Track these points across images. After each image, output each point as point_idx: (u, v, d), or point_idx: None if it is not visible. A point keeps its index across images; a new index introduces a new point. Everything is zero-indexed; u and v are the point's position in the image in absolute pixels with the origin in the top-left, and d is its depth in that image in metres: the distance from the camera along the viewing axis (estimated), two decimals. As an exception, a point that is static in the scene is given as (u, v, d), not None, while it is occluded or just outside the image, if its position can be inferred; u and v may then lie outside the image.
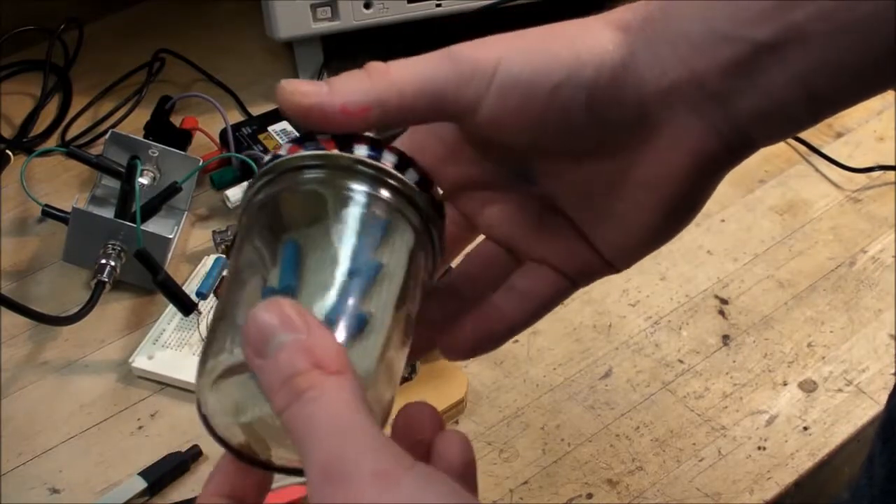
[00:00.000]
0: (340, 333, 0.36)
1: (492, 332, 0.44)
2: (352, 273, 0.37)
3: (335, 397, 0.32)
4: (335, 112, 0.38)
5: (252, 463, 0.38)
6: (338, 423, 0.32)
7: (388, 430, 0.39)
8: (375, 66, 0.38)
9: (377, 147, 0.39)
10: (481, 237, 0.45)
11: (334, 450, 0.32)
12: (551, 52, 0.38)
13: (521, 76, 0.38)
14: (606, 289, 0.83)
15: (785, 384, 0.76)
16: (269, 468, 0.38)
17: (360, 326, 0.37)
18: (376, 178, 0.39)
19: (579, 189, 0.41)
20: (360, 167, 0.39)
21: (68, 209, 0.79)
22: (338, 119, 0.38)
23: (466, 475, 0.38)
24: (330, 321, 0.36)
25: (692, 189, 0.40)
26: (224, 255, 0.81)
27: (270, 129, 0.92)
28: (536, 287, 0.44)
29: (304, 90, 0.38)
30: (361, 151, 0.39)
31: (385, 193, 0.39)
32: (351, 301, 0.37)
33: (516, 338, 0.78)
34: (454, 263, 0.47)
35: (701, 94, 0.38)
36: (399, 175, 0.39)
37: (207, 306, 0.76)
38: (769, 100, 0.37)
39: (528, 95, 0.38)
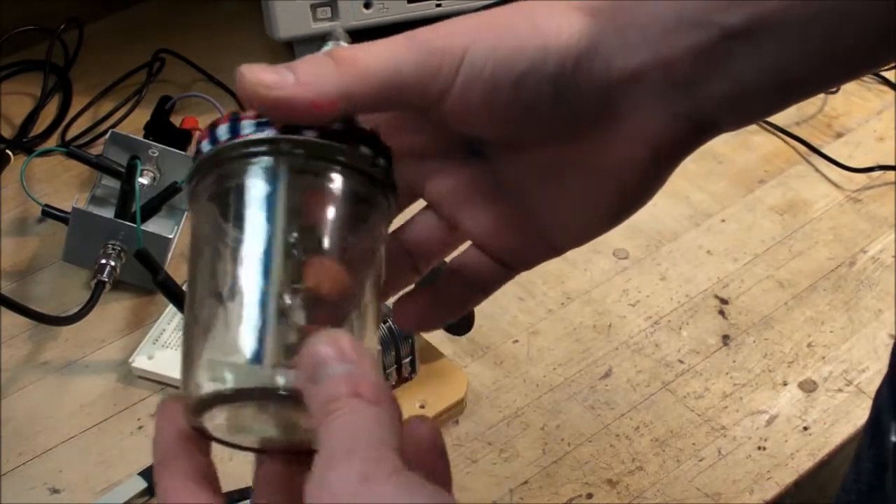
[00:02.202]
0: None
1: (442, 314, 0.44)
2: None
3: (364, 418, 0.33)
4: (305, 106, 0.36)
5: (254, 450, 0.39)
6: (363, 436, 0.33)
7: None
8: (341, 55, 0.37)
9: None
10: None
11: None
12: (517, 41, 0.37)
13: (485, 69, 0.37)
14: (606, 289, 0.83)
15: (785, 384, 0.77)
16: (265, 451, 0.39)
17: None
18: (328, 158, 0.38)
19: (536, 172, 0.41)
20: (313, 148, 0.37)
21: (68, 209, 0.79)
22: (307, 113, 0.37)
23: (437, 456, 0.38)
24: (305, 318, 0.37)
25: (653, 174, 0.40)
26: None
27: (270, 129, 0.92)
28: (471, 279, 0.43)
29: (268, 80, 0.36)
30: (309, 132, 0.37)
31: (340, 174, 0.38)
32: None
33: (516, 338, 0.79)
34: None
35: (668, 80, 0.37)
36: (353, 150, 0.38)
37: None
38: (740, 86, 0.37)
39: (493, 87, 0.38)
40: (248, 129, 0.38)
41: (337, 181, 0.38)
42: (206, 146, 0.38)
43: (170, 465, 0.38)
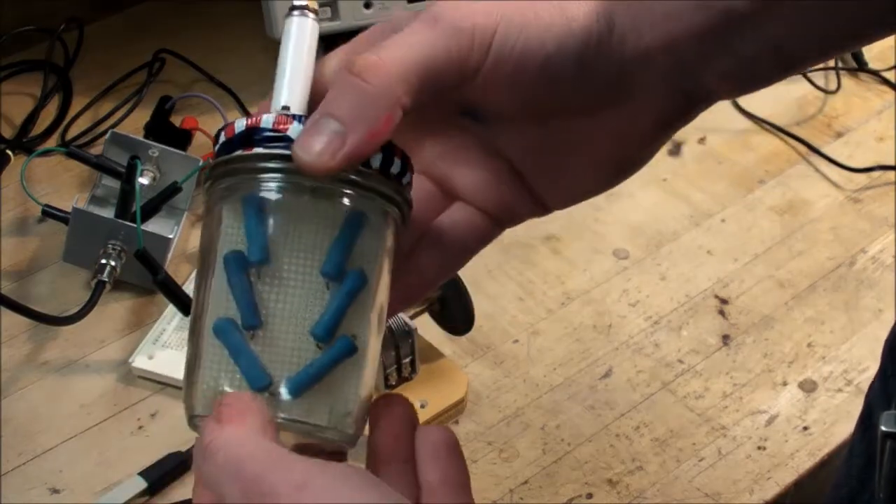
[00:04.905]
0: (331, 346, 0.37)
1: (417, 292, 0.44)
2: (335, 280, 0.38)
3: (234, 437, 0.35)
4: (367, 144, 0.36)
5: None
6: (244, 453, 0.34)
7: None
8: (367, 65, 0.36)
9: None
10: None
11: (249, 475, 0.34)
12: (545, 21, 0.38)
13: (515, 48, 0.37)
14: (606, 289, 0.83)
15: (785, 384, 0.77)
16: None
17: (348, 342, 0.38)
18: (352, 181, 0.38)
19: (537, 141, 0.41)
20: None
21: (68, 209, 0.79)
22: (372, 146, 0.36)
23: (452, 455, 0.39)
24: (318, 336, 0.37)
25: (651, 144, 0.41)
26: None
27: (270, 129, 0.92)
28: (462, 237, 0.43)
29: (330, 149, 0.35)
30: None
31: (364, 194, 0.38)
32: (339, 315, 0.38)
33: (516, 338, 0.79)
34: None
35: (674, 59, 0.38)
36: (379, 175, 0.38)
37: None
38: (741, 62, 0.38)
39: (521, 66, 0.38)
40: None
41: (378, 212, 0.39)
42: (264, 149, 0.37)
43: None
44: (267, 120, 0.37)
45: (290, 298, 0.37)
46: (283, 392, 0.37)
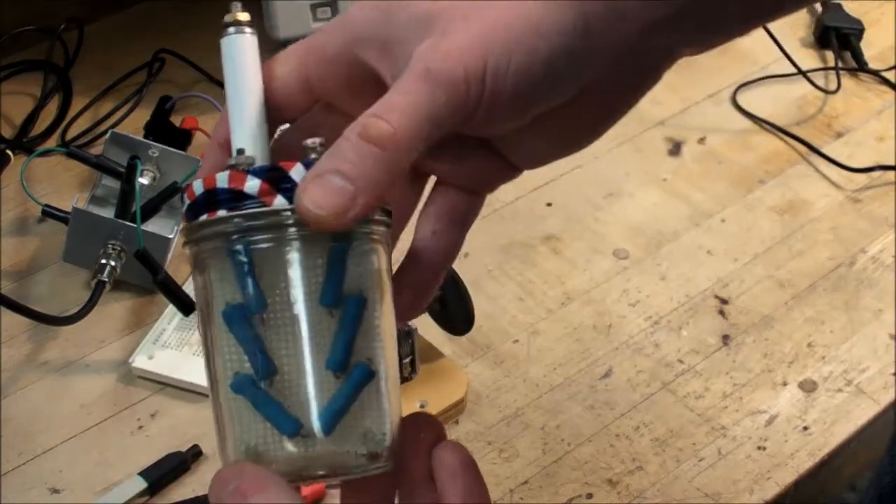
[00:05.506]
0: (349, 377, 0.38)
1: (429, 290, 0.44)
2: (339, 312, 0.38)
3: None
4: (375, 203, 0.37)
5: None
6: None
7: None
8: (378, 134, 0.37)
9: None
10: None
11: None
12: (526, 46, 0.38)
13: (507, 81, 0.38)
14: (606, 289, 0.83)
15: (785, 384, 0.77)
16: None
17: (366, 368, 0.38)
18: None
19: (515, 129, 0.42)
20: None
21: (68, 209, 0.79)
22: (377, 203, 0.38)
23: (469, 474, 0.40)
24: (334, 368, 0.37)
25: (625, 109, 0.42)
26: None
27: (270, 129, 0.92)
28: (449, 226, 0.44)
29: (337, 206, 0.36)
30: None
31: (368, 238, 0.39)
32: (349, 343, 0.38)
33: (516, 338, 0.79)
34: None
35: (653, 38, 0.39)
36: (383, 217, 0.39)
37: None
38: (712, 30, 0.40)
39: (516, 93, 0.38)
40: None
41: (362, 236, 0.39)
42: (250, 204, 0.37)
43: None
44: (222, 179, 0.38)
45: (298, 338, 0.37)
46: (316, 432, 0.37)
